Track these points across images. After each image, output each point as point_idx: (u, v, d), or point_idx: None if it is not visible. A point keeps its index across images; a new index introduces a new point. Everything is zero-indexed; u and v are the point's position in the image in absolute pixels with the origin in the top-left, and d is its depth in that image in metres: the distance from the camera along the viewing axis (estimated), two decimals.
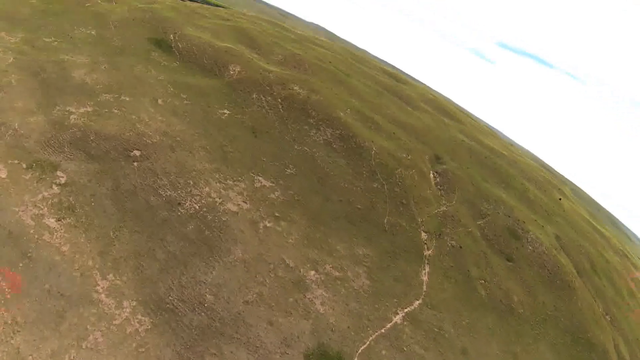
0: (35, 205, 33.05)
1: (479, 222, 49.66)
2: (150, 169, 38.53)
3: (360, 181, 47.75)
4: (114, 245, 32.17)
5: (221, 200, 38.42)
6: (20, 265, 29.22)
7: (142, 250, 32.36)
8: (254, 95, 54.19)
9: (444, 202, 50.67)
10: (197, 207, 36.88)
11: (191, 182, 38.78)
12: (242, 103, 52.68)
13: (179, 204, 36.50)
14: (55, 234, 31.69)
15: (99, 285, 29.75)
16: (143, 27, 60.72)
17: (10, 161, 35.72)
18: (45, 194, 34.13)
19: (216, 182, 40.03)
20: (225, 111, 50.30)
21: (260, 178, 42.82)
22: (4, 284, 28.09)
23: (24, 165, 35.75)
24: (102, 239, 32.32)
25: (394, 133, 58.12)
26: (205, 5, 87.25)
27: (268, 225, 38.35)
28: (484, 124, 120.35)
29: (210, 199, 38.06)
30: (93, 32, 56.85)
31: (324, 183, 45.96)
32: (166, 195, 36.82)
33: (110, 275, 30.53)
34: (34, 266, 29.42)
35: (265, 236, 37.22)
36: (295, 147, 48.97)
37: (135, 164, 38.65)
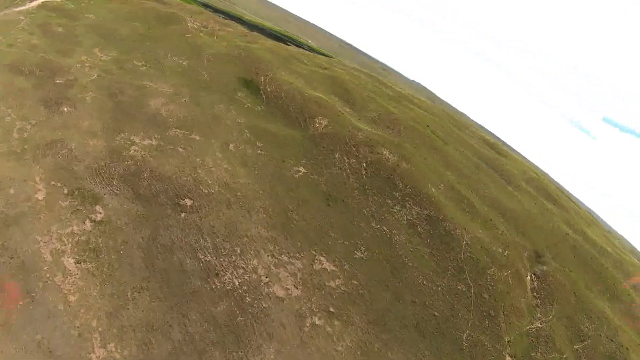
0: (60, 239, 30.88)
1: (577, 347, 41.12)
2: (197, 224, 35.16)
3: (443, 279, 40.73)
4: (128, 308, 28.45)
5: (268, 279, 33.57)
6: (20, 304, 26.81)
7: (156, 323, 28.23)
8: (337, 155, 50.26)
9: (539, 315, 42.57)
10: (237, 284, 32.32)
11: (238, 250, 34.61)
12: (321, 162, 48.88)
13: (217, 274, 32.30)
14: (68, 277, 29.01)
15: (94, 352, 26.27)
16: (235, 65, 60.99)
17: (53, 183, 34.56)
18: (76, 228, 31.96)
19: (268, 255, 35.44)
20: (301, 169, 46.68)
21: (322, 258, 37.59)
22: None
23: (65, 191, 34.31)
24: (117, 297, 28.80)
25: (490, 220, 50.61)
26: (306, 52, 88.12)
27: (317, 322, 32.55)
28: (584, 207, 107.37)
29: (255, 276, 33.39)
30: (184, 63, 57.90)
31: (398, 276, 39.58)
32: (205, 260, 32.88)
33: (111, 344, 26.83)
34: (34, 309, 26.86)
35: (309, 337, 31.36)
36: (373, 224, 43.48)
37: (182, 214, 35.61)
